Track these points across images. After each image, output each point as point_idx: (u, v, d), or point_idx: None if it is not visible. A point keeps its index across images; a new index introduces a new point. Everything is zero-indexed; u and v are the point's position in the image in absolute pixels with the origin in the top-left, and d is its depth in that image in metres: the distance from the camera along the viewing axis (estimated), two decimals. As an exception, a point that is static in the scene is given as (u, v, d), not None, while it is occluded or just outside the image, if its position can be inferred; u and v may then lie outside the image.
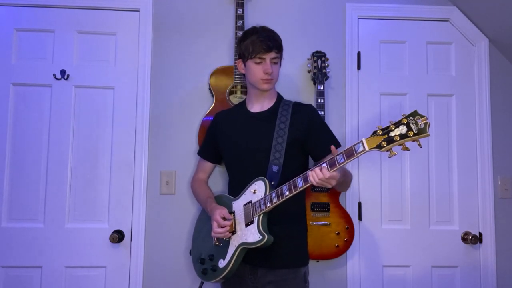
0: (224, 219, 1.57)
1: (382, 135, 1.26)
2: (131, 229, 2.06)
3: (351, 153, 1.31)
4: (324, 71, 2.06)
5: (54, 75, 2.09)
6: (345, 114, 2.16)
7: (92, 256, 2.04)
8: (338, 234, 1.97)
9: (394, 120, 1.26)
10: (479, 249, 2.14)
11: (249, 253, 1.55)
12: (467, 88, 2.22)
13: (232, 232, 1.57)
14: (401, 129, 1.23)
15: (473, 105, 2.21)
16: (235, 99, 2.03)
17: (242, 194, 1.60)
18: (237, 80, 2.02)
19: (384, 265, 2.12)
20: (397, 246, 2.13)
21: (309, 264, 1.69)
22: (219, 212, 1.58)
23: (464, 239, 2.13)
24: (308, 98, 2.12)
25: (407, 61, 2.23)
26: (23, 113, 2.08)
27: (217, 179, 2.07)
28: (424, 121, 1.21)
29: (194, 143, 2.11)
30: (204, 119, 2.04)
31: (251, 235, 1.51)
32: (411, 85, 2.21)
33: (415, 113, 1.23)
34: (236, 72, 2.02)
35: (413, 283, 2.11)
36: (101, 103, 2.12)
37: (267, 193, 1.50)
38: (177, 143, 2.12)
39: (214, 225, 1.57)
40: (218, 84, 2.04)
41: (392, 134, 1.24)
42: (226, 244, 1.59)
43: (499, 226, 2.15)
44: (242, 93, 2.04)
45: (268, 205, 1.48)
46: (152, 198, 2.10)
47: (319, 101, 2.03)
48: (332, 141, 1.64)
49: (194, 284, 2.05)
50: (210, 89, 2.07)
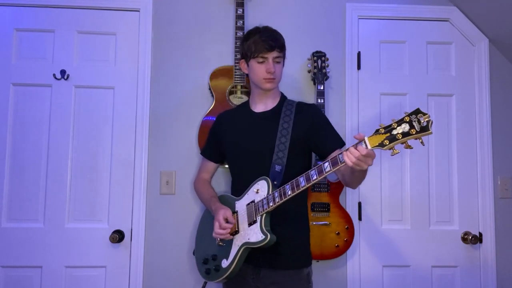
0: (227, 220, 1.55)
1: (385, 133, 1.25)
2: (131, 229, 2.06)
3: None
4: (324, 71, 2.06)
5: (54, 75, 2.09)
6: (345, 114, 2.16)
7: (92, 256, 2.04)
8: (338, 234, 1.97)
9: (397, 118, 1.25)
10: (479, 249, 2.14)
11: (252, 253, 1.54)
12: (467, 88, 2.22)
13: (235, 232, 1.56)
14: (404, 127, 1.22)
15: (473, 105, 2.21)
16: (235, 99, 2.03)
17: (245, 193, 1.59)
18: (237, 80, 2.02)
19: (384, 265, 2.12)
20: (397, 246, 2.13)
21: (310, 264, 1.69)
22: (223, 213, 1.57)
23: (464, 239, 2.13)
24: (308, 98, 2.12)
25: (407, 61, 2.23)
26: (23, 113, 2.08)
27: (220, 179, 2.07)
28: (426, 119, 1.19)
29: (194, 143, 2.11)
30: (204, 119, 2.04)
31: (254, 234, 1.50)
32: (411, 85, 2.21)
33: (417, 111, 1.21)
34: (236, 72, 2.02)
35: (413, 283, 2.11)
36: (101, 103, 2.12)
37: (270, 192, 1.49)
38: (177, 143, 2.12)
39: (216, 225, 1.56)
40: (218, 84, 2.04)
41: (394, 132, 1.23)
42: (229, 244, 1.58)
43: (499, 226, 2.15)
44: (242, 93, 2.04)
45: (271, 204, 1.47)
46: (152, 198, 2.10)
47: (319, 101, 2.03)
48: (336, 139, 1.63)
49: (194, 284, 2.05)
50: (210, 89, 2.07)
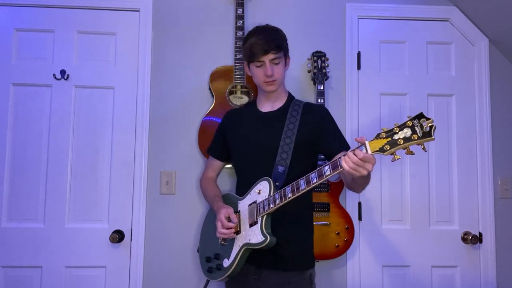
0: (229, 219, 1.55)
1: (386, 137, 1.22)
2: (131, 229, 2.06)
3: None
4: (324, 71, 2.06)
5: (54, 75, 2.09)
6: (345, 114, 2.16)
7: (92, 256, 2.04)
8: (338, 234, 1.97)
9: (400, 122, 1.22)
10: (479, 249, 2.14)
11: (254, 254, 1.53)
12: (467, 88, 2.22)
13: (237, 232, 1.56)
14: (406, 132, 1.19)
15: (473, 105, 2.21)
16: (235, 99, 2.03)
17: (248, 193, 1.58)
18: (237, 80, 2.02)
19: (384, 265, 2.12)
20: (397, 246, 2.13)
21: (309, 264, 1.69)
22: (224, 212, 1.56)
23: (464, 239, 2.13)
24: (308, 98, 2.11)
25: (407, 61, 2.23)
26: (23, 113, 2.08)
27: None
28: (429, 124, 1.16)
29: (194, 143, 2.11)
30: (204, 119, 2.04)
31: (254, 235, 1.49)
32: (411, 85, 2.21)
33: (420, 115, 1.17)
34: (236, 72, 2.02)
35: (413, 283, 2.11)
36: (101, 103, 2.12)
37: (271, 194, 1.48)
38: (177, 143, 2.12)
39: (219, 225, 1.56)
40: (218, 84, 2.04)
41: (396, 137, 1.20)
42: (231, 243, 1.58)
43: (499, 226, 2.15)
44: (242, 93, 2.04)
45: (272, 206, 1.46)
46: (152, 198, 2.10)
47: (319, 101, 2.03)
48: (342, 141, 1.62)
49: (194, 284, 2.06)
50: (210, 89, 2.07)
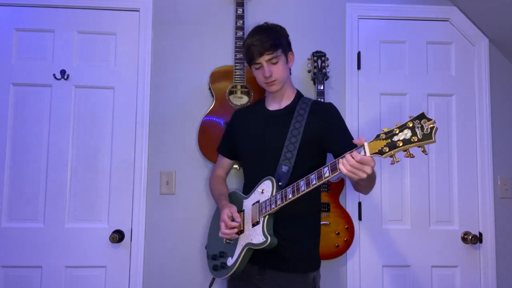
0: (233, 219, 1.54)
1: (385, 139, 1.17)
2: (131, 229, 2.06)
3: None
4: (324, 71, 2.06)
5: (54, 75, 2.09)
6: (345, 114, 2.16)
7: (92, 256, 2.04)
8: (338, 234, 1.97)
9: (401, 122, 1.17)
10: (479, 249, 2.14)
11: (257, 254, 1.52)
12: (467, 88, 2.22)
13: (241, 231, 1.55)
14: (406, 133, 1.13)
15: (473, 105, 2.21)
16: (235, 99, 2.03)
17: (252, 192, 1.57)
18: (237, 80, 2.02)
19: (384, 265, 2.12)
20: (397, 246, 2.13)
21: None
22: (227, 212, 1.55)
23: (464, 239, 2.13)
24: (308, 98, 2.12)
25: (407, 61, 2.23)
26: (23, 113, 2.08)
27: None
28: (430, 125, 1.10)
29: (194, 143, 2.11)
30: (204, 119, 2.04)
31: (256, 236, 1.48)
32: (411, 85, 2.21)
33: (422, 116, 1.12)
34: (236, 72, 2.02)
35: (413, 283, 2.11)
36: (101, 103, 2.12)
37: (273, 194, 1.47)
38: (177, 143, 2.12)
39: (222, 225, 1.55)
40: (218, 84, 2.04)
41: (395, 138, 1.15)
42: (236, 242, 1.57)
43: (499, 226, 2.15)
44: (242, 93, 2.04)
45: (273, 206, 1.44)
46: (152, 198, 2.10)
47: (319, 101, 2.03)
48: (349, 141, 1.52)
49: (194, 283, 2.06)
50: (210, 89, 2.07)
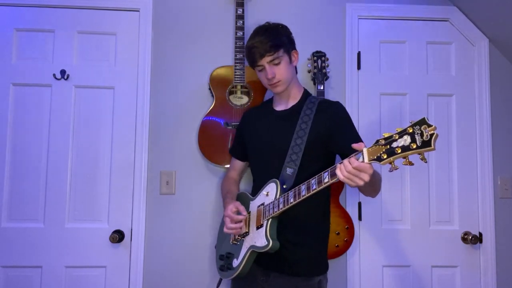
0: (238, 212, 1.52)
1: (384, 145, 1.12)
2: (131, 229, 2.06)
3: None
4: (324, 71, 2.06)
5: (54, 75, 2.09)
6: (345, 114, 2.16)
7: (92, 256, 2.04)
8: (338, 234, 1.97)
9: (402, 127, 1.12)
10: (479, 249, 2.14)
11: (262, 256, 1.49)
12: (467, 88, 2.22)
13: (246, 233, 1.54)
14: (405, 140, 1.08)
15: (473, 105, 2.21)
16: (235, 99, 2.03)
17: (258, 194, 1.56)
18: (237, 80, 2.02)
19: (384, 265, 2.12)
20: (397, 246, 2.13)
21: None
22: (231, 207, 1.54)
23: (464, 239, 2.13)
24: (308, 98, 2.12)
25: (407, 61, 2.23)
26: (23, 113, 2.08)
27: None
28: (430, 132, 1.04)
29: (194, 143, 2.11)
30: (204, 119, 2.04)
31: (259, 238, 1.46)
32: (411, 85, 2.21)
33: (423, 121, 1.06)
34: (236, 72, 2.02)
35: (413, 283, 2.11)
36: (101, 103, 2.12)
37: (277, 197, 1.45)
38: (177, 143, 2.12)
39: (227, 220, 1.53)
40: (218, 84, 2.04)
41: (394, 145, 1.10)
42: (241, 244, 1.56)
43: (499, 226, 2.15)
44: (242, 93, 2.04)
45: (276, 210, 1.42)
46: (152, 198, 2.10)
47: (319, 101, 2.03)
48: (355, 140, 1.48)
49: (194, 283, 2.06)
50: (210, 89, 2.07)
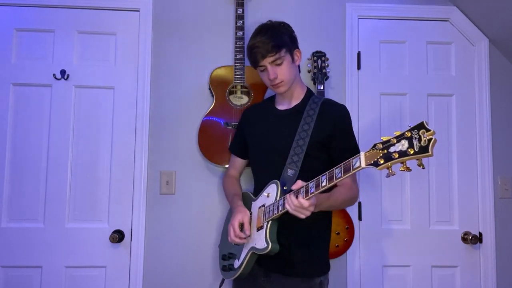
0: (242, 227, 1.50)
1: (382, 149, 1.09)
2: (131, 229, 2.06)
3: (348, 168, 1.20)
4: (324, 71, 2.06)
5: (54, 75, 2.09)
6: (345, 114, 2.16)
7: (92, 256, 2.04)
8: (338, 234, 1.97)
9: (400, 130, 1.10)
10: (479, 249, 2.14)
11: (264, 257, 1.47)
12: (467, 88, 2.22)
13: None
14: (403, 144, 1.05)
15: (473, 105, 2.21)
16: (235, 99, 2.03)
17: (260, 195, 1.55)
18: (237, 80, 2.02)
19: (384, 265, 2.12)
20: (397, 246, 2.13)
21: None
22: (240, 218, 1.51)
23: (464, 239, 2.13)
24: (308, 98, 2.12)
25: (407, 61, 2.23)
26: (23, 113, 2.08)
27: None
28: (428, 137, 1.01)
29: (194, 143, 2.11)
30: (204, 119, 2.04)
31: (260, 240, 1.45)
32: (411, 85, 2.21)
33: (421, 125, 1.03)
34: (236, 72, 2.02)
35: (413, 283, 2.11)
36: (101, 103, 2.12)
37: (277, 199, 1.43)
38: (177, 143, 2.12)
39: (231, 231, 1.51)
40: (218, 84, 2.04)
41: (392, 149, 1.07)
42: (243, 245, 1.55)
43: (499, 226, 2.15)
44: (242, 93, 2.04)
45: (275, 212, 1.41)
46: (152, 198, 2.10)
47: (319, 101, 2.03)
48: (347, 151, 1.47)
49: (194, 283, 2.06)
50: (210, 89, 2.07)
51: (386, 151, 1.09)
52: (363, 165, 1.14)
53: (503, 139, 2.21)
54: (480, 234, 2.13)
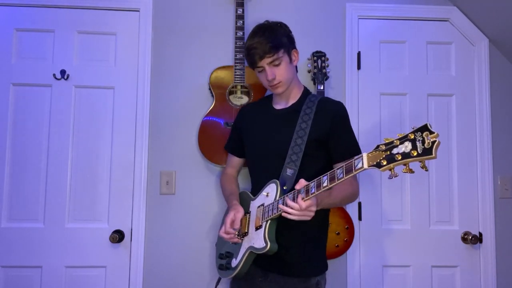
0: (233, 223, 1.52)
1: (385, 151, 1.09)
2: (131, 229, 2.06)
3: (350, 169, 1.19)
4: (324, 71, 2.06)
5: (54, 75, 2.09)
6: (345, 114, 2.16)
7: (92, 256, 2.04)
8: (338, 234, 1.97)
9: (403, 133, 1.10)
10: (479, 249, 2.14)
11: (261, 257, 1.48)
12: (467, 88, 2.22)
13: (245, 234, 1.53)
14: (406, 146, 1.05)
15: (473, 105, 2.21)
16: (235, 99, 2.03)
17: (259, 195, 1.55)
18: (237, 80, 2.02)
19: (384, 265, 2.12)
20: (397, 246, 2.13)
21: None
22: (232, 216, 1.53)
23: (464, 239, 2.13)
24: (308, 98, 2.12)
25: (407, 61, 2.23)
26: (23, 113, 2.08)
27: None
28: (432, 139, 1.01)
29: (194, 143, 2.11)
30: (204, 119, 2.04)
31: (258, 240, 1.45)
32: (411, 85, 2.21)
33: (425, 127, 1.03)
34: (236, 72, 2.02)
35: (413, 283, 2.11)
36: (101, 103, 2.12)
37: (276, 198, 1.43)
38: (177, 143, 2.12)
39: (222, 227, 1.54)
40: (218, 84, 2.04)
41: (395, 151, 1.07)
42: (241, 243, 1.55)
43: (499, 226, 2.15)
44: (242, 93, 2.04)
45: (275, 212, 1.40)
46: (152, 198, 2.10)
47: (319, 101, 2.03)
48: (345, 149, 1.51)
49: (194, 283, 2.06)
50: (210, 89, 2.07)
51: (389, 152, 1.09)
52: (365, 166, 1.14)
53: (503, 139, 2.21)
54: (480, 234, 2.13)
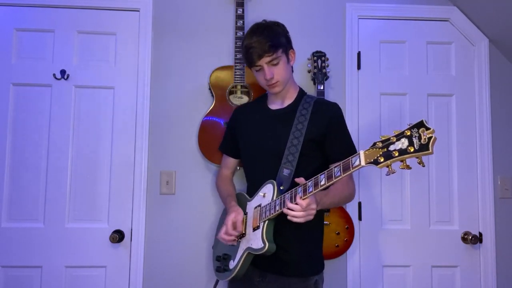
0: (235, 226, 1.51)
1: (382, 148, 1.11)
2: (131, 229, 2.06)
3: (347, 166, 1.19)
4: (324, 71, 2.06)
5: (54, 75, 2.09)
6: (345, 114, 2.14)
7: (92, 256, 2.04)
8: (338, 234, 1.97)
9: (400, 129, 1.11)
10: (479, 249, 2.14)
11: (259, 257, 1.48)
12: (467, 88, 2.22)
13: (242, 235, 1.52)
14: (403, 143, 1.07)
15: (473, 105, 2.21)
16: (235, 99, 2.03)
17: (255, 195, 1.54)
18: (237, 80, 2.02)
19: (384, 265, 2.12)
20: (397, 246, 2.13)
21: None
22: (233, 217, 1.52)
23: (464, 239, 2.13)
24: (308, 98, 2.12)
25: (407, 61, 2.23)
26: (23, 113, 2.08)
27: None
28: (428, 135, 1.02)
29: (194, 143, 2.11)
30: (204, 119, 2.04)
31: (256, 240, 1.45)
32: (411, 85, 2.21)
33: (421, 124, 1.05)
34: (236, 72, 2.02)
35: (413, 283, 2.11)
36: (101, 103, 2.12)
37: (273, 199, 1.43)
38: (177, 143, 2.12)
39: (222, 229, 1.53)
40: (218, 84, 2.04)
41: (391, 148, 1.09)
42: (238, 245, 1.55)
43: (499, 226, 2.15)
44: (242, 93, 2.04)
45: (272, 212, 1.41)
46: (152, 198, 2.10)
47: (319, 101, 2.03)
48: (342, 150, 1.51)
49: (194, 284, 2.06)
50: (210, 89, 2.07)
51: (386, 149, 1.10)
52: (362, 163, 1.14)
53: (503, 139, 2.21)
54: (480, 234, 2.13)
